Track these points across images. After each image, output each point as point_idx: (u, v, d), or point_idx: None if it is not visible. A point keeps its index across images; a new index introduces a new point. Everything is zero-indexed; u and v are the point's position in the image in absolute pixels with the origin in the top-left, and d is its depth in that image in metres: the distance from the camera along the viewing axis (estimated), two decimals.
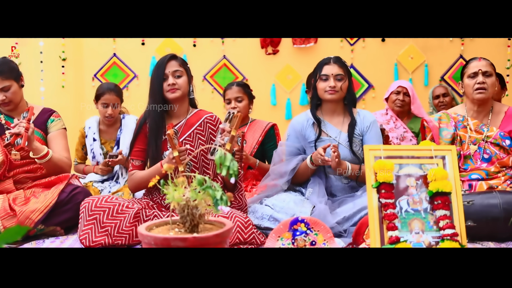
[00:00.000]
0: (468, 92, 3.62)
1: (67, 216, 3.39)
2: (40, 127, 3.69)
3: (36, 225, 3.26)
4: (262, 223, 3.19)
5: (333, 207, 3.29)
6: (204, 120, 3.36)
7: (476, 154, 3.58)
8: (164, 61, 3.31)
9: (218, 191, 1.87)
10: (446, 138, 3.59)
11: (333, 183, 3.49)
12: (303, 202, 3.30)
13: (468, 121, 3.63)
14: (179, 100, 3.33)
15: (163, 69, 3.29)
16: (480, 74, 3.58)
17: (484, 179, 3.50)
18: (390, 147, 2.47)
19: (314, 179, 3.46)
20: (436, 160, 2.46)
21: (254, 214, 3.26)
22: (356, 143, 3.48)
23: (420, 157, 2.47)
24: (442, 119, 3.69)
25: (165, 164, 2.34)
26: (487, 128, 3.59)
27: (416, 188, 2.43)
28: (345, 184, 3.47)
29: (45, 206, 3.28)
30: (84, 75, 6.33)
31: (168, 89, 3.28)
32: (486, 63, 3.61)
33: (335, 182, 3.48)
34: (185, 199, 1.92)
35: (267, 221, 3.19)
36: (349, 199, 3.34)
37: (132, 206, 3.08)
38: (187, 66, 3.39)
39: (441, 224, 2.37)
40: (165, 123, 3.31)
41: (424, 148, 2.48)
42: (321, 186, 3.41)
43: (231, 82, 4.58)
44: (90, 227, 3.02)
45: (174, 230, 1.98)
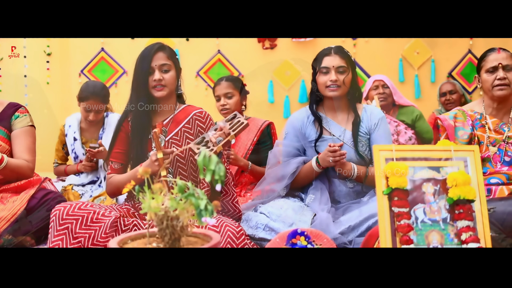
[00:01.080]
0: (486, 88, 3.31)
1: (39, 224, 3.05)
2: (4, 124, 3.36)
3: (3, 235, 2.92)
4: (257, 233, 2.87)
5: (337, 215, 2.97)
6: (193, 116, 3.07)
7: (495, 157, 3.30)
8: (150, 52, 3.00)
9: (202, 200, 1.70)
10: (462, 138, 3.28)
11: (337, 188, 3.21)
12: (303, 209, 3.01)
13: (486, 120, 3.32)
14: (166, 98, 3.05)
15: (149, 62, 2.99)
16: (501, 68, 3.26)
17: (505, 183, 3.22)
18: (403, 147, 2.20)
19: (316, 184, 3.18)
20: (457, 163, 2.19)
21: (247, 223, 2.94)
22: (363, 142, 3.22)
23: (438, 158, 2.24)
24: (458, 117, 3.37)
25: (140, 168, 2.04)
26: (508, 127, 3.28)
27: (434, 195, 2.20)
28: (350, 189, 3.19)
29: (12, 214, 2.96)
30: (70, 71, 6.18)
31: (153, 85, 2.99)
32: (507, 55, 3.28)
33: (339, 186, 3.20)
34: (164, 208, 1.75)
35: (262, 231, 2.87)
36: (355, 206, 3.04)
37: (109, 214, 2.75)
38: (175, 58, 3.09)
39: (463, 237, 2.14)
40: (151, 121, 3.03)
41: (443, 148, 2.20)
42: (324, 191, 3.11)
43: (220, 77, 4.31)
44: (61, 237, 2.69)
45: (152, 244, 1.84)
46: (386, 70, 6.06)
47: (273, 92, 6.16)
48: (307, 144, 3.28)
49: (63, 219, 2.71)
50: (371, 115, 3.26)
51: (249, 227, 2.93)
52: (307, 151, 3.29)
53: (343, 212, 3.04)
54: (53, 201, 3.12)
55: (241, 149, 4.07)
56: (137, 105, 2.98)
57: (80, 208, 2.75)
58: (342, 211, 3.07)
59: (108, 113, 4.30)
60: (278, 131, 4.36)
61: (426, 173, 2.22)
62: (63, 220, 2.71)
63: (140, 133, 2.99)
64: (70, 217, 2.71)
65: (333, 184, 3.24)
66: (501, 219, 2.74)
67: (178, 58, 3.13)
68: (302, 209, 3.02)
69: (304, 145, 3.29)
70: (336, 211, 3.07)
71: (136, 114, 2.99)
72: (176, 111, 3.07)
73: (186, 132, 3.04)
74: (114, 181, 2.99)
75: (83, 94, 4.16)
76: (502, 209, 2.80)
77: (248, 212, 3.06)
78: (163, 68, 2.99)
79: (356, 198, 3.22)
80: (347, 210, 3.05)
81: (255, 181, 3.95)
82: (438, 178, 2.21)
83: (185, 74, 4.73)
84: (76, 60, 6.14)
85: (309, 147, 3.27)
